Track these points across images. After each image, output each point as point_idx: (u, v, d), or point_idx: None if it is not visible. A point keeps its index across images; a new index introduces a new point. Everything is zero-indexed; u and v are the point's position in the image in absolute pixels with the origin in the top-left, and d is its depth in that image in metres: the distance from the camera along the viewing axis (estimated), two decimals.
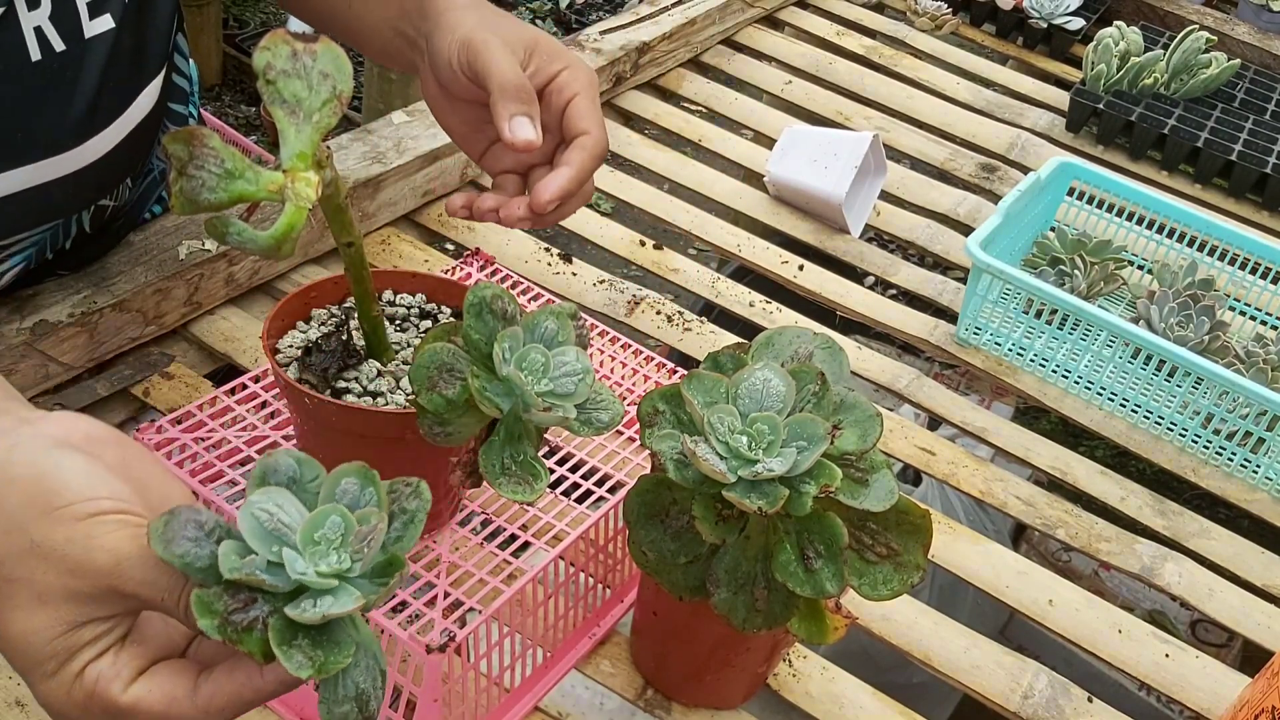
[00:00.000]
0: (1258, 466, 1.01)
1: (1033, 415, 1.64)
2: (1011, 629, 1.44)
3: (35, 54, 0.71)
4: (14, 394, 0.53)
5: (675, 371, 0.87)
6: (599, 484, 0.77)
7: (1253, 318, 1.20)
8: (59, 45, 0.72)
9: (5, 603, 0.45)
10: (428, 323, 0.69)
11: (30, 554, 0.45)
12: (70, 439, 0.47)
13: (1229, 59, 1.53)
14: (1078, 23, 1.69)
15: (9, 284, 0.84)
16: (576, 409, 0.55)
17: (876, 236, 1.32)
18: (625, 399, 0.83)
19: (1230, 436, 1.02)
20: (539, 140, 0.68)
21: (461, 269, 0.91)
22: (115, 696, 0.45)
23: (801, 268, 1.17)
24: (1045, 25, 1.69)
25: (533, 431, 0.58)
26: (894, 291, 1.27)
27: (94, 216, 0.87)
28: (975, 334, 1.11)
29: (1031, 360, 1.09)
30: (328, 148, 0.54)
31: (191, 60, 1.01)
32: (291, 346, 0.66)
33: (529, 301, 0.90)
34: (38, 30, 0.71)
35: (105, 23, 0.75)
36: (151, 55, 0.82)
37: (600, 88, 1.31)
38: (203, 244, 0.93)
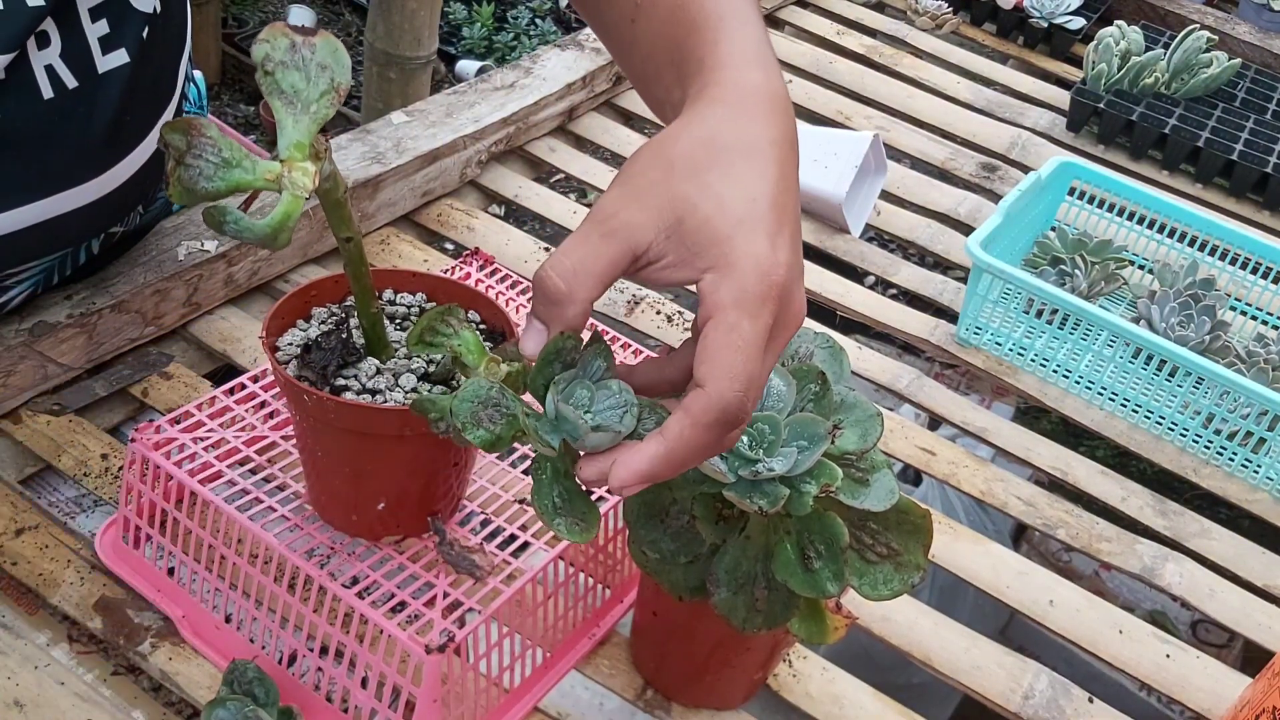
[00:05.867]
0: (1258, 467, 1.01)
1: (1033, 415, 1.64)
2: (1012, 629, 1.44)
3: (47, 92, 0.70)
4: None
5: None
6: None
7: (1254, 317, 1.20)
8: (71, 82, 0.71)
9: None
10: None
11: None
12: None
13: (1230, 58, 1.53)
14: (1078, 22, 1.69)
15: (16, 307, 0.84)
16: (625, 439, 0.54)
17: (877, 236, 1.32)
18: None
19: (1231, 436, 1.01)
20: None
21: (461, 268, 0.90)
22: None
23: None
24: (1046, 24, 1.69)
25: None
26: (894, 291, 1.27)
27: (102, 241, 0.87)
28: (976, 334, 1.11)
29: (1032, 360, 1.09)
30: (326, 142, 0.53)
31: (198, 71, 1.00)
32: (291, 345, 0.66)
33: (528, 301, 0.90)
34: (49, 68, 0.70)
35: (120, 57, 0.74)
36: (166, 85, 0.81)
37: (600, 87, 1.32)
38: (201, 245, 0.93)
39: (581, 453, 0.52)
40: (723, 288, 0.48)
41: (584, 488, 0.55)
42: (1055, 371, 1.09)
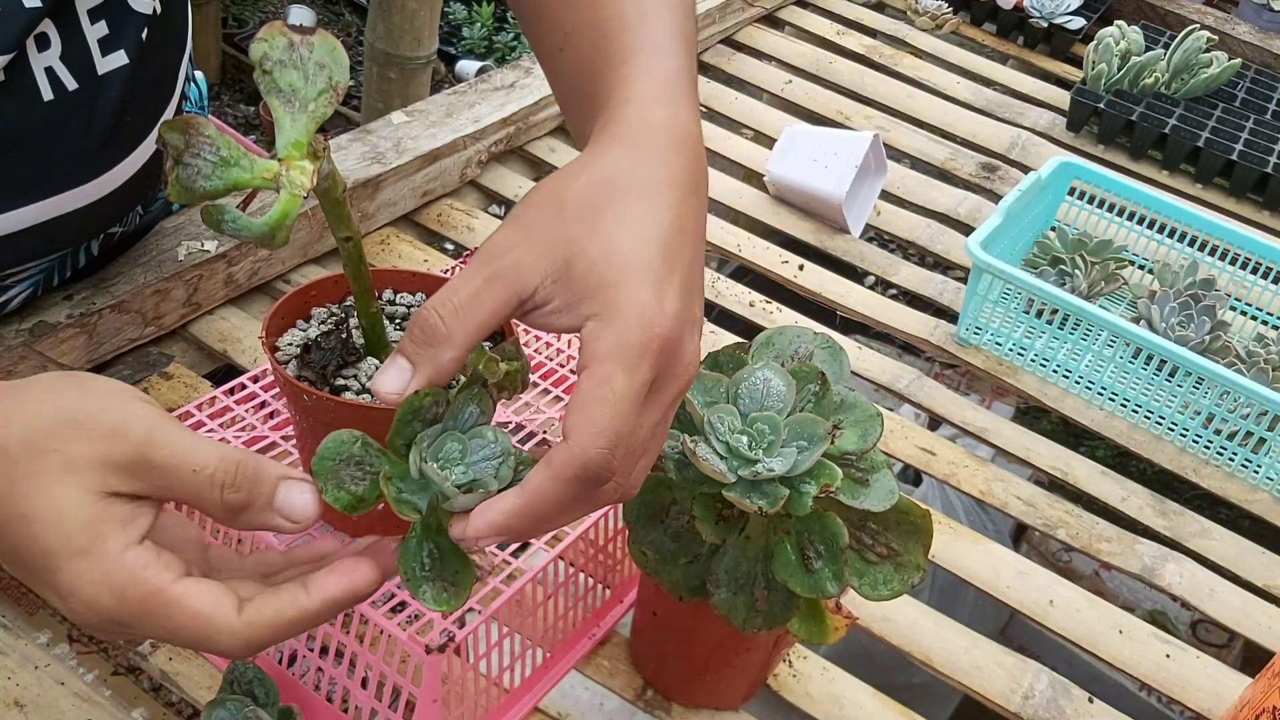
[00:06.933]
0: (1258, 467, 1.01)
1: (1033, 415, 1.64)
2: (1012, 629, 1.44)
3: (47, 94, 0.70)
4: None
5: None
6: None
7: (1254, 317, 1.20)
8: (71, 84, 0.71)
9: (34, 480, 0.45)
10: None
11: (65, 425, 0.45)
12: None
13: (1230, 58, 1.53)
14: (1078, 22, 1.69)
15: (16, 308, 0.84)
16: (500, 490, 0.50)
17: (877, 236, 1.32)
18: None
19: (1231, 436, 1.01)
20: (397, 394, 0.47)
21: (461, 269, 0.90)
22: (164, 584, 0.45)
23: (802, 267, 1.16)
24: (1046, 24, 1.69)
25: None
26: (894, 291, 1.27)
27: (102, 242, 0.87)
28: (976, 334, 1.11)
29: (1032, 360, 1.09)
30: (325, 141, 0.53)
31: (199, 72, 1.00)
32: (291, 344, 0.66)
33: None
34: (49, 70, 0.70)
35: (119, 59, 0.74)
36: (166, 86, 0.81)
37: None
38: (201, 245, 0.93)
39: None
40: (602, 337, 0.46)
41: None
42: (1055, 371, 1.08)
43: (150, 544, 0.46)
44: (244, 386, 0.76)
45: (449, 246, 1.14)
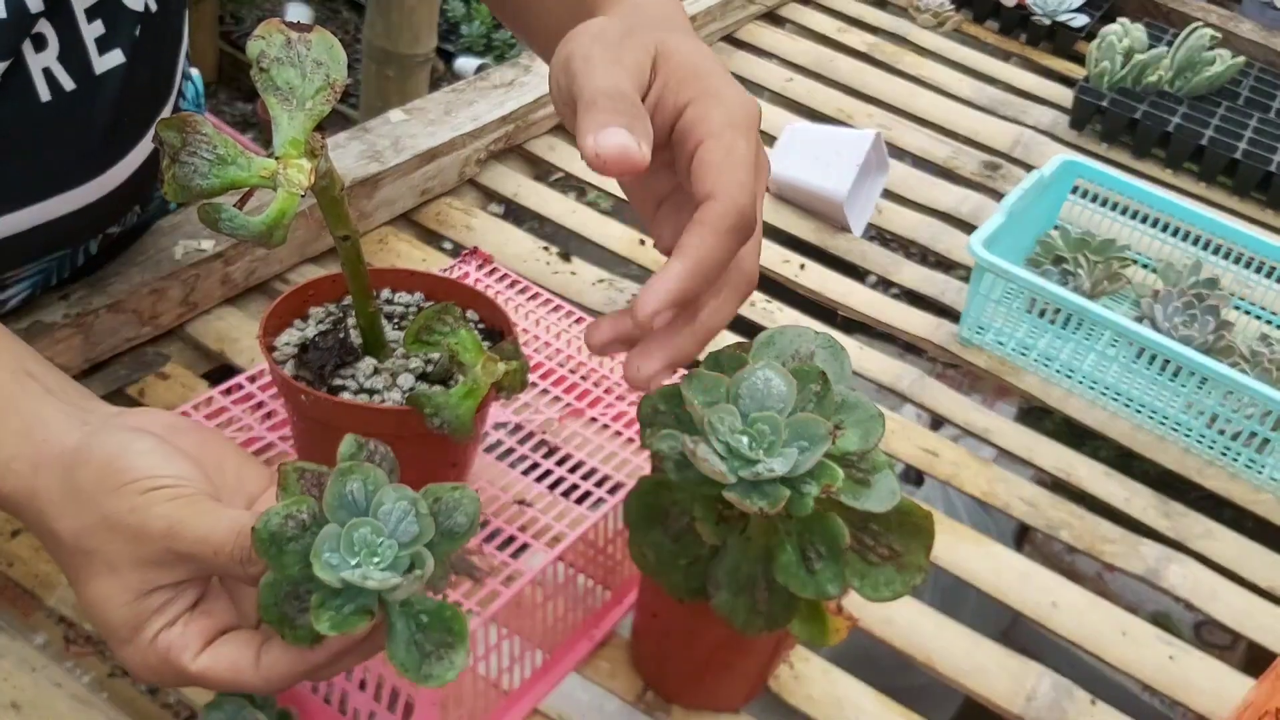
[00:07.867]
0: (1263, 467, 1.01)
1: (1036, 415, 1.63)
2: (1014, 631, 1.43)
3: (44, 95, 0.70)
4: (96, 399, 0.57)
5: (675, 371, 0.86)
6: (598, 485, 0.76)
7: (1258, 317, 1.19)
8: (68, 85, 0.71)
9: (83, 573, 0.50)
10: None
11: (101, 526, 0.50)
12: (147, 427, 0.52)
13: (1234, 56, 1.52)
14: (1081, 19, 1.68)
15: (14, 308, 0.83)
16: (429, 545, 0.47)
17: (878, 235, 1.31)
18: (624, 399, 0.83)
19: (1235, 437, 1.01)
20: (642, 156, 0.48)
21: (459, 268, 0.90)
22: (185, 664, 0.50)
23: (803, 267, 1.16)
24: (1049, 22, 1.68)
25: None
26: (896, 291, 1.26)
27: (100, 242, 0.87)
28: (978, 333, 1.10)
29: (1035, 360, 1.09)
30: (323, 139, 0.53)
31: (195, 70, 1.00)
32: (288, 344, 0.65)
33: (527, 300, 0.89)
34: (46, 71, 0.70)
35: (115, 58, 0.73)
36: (163, 84, 0.80)
37: None
38: (199, 244, 0.93)
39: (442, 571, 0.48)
40: (714, 113, 0.52)
41: (441, 597, 0.50)
42: (1058, 371, 1.08)
43: (183, 621, 0.51)
44: (241, 387, 0.76)
45: (447, 245, 1.13)
